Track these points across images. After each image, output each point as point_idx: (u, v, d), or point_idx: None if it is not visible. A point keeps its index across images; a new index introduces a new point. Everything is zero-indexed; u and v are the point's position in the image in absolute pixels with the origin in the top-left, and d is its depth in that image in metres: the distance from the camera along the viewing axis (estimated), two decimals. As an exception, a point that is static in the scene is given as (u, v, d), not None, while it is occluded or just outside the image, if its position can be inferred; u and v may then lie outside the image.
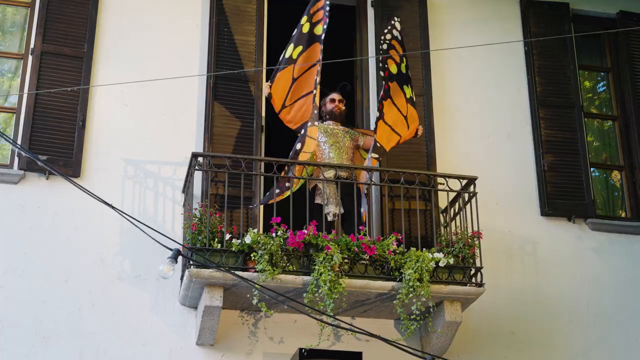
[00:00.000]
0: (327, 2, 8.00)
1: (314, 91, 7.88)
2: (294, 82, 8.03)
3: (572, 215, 8.85)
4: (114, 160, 8.15)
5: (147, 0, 8.85)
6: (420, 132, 8.34)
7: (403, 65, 8.17)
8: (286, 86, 8.04)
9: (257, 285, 7.02)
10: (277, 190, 7.63)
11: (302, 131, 7.83)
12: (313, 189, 8.04)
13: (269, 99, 8.21)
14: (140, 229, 6.84)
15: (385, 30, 8.25)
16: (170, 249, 6.81)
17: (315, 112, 7.88)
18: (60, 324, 7.50)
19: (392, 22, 8.29)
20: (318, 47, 7.94)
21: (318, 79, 7.89)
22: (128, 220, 6.87)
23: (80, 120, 8.12)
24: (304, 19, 8.05)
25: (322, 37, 7.96)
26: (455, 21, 9.51)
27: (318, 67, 7.91)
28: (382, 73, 8.12)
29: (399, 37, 8.22)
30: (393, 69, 8.09)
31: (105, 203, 6.80)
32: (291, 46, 8.05)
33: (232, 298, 7.48)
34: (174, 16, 8.85)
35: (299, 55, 8.00)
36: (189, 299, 7.59)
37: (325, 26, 7.96)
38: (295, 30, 8.10)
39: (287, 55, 8.05)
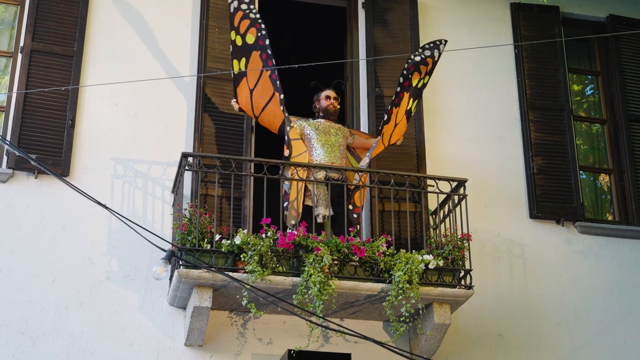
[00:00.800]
0: (253, 9, 7.88)
1: (278, 95, 7.81)
2: (252, 93, 7.97)
3: (560, 218, 8.87)
4: (103, 160, 8.12)
5: (137, -1, 8.84)
6: (399, 142, 8.35)
7: (422, 82, 8.18)
8: (248, 98, 8.01)
9: (247, 286, 7.00)
10: (286, 204, 7.65)
11: (285, 138, 7.81)
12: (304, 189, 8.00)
13: (242, 114, 8.20)
14: (134, 229, 6.84)
15: (427, 45, 8.25)
16: (163, 249, 6.79)
17: (286, 114, 7.85)
18: (47, 324, 7.47)
19: (439, 42, 8.28)
20: (257, 55, 7.84)
21: (278, 83, 7.82)
22: (121, 220, 6.85)
23: (69, 119, 8.08)
24: (232, 33, 7.94)
25: (262, 42, 7.80)
26: (446, 23, 9.52)
27: (270, 73, 7.81)
28: (401, 79, 8.08)
29: (436, 59, 8.24)
30: (414, 82, 8.10)
31: (99, 203, 6.77)
32: (235, 62, 7.97)
33: (221, 299, 7.46)
34: (165, 15, 8.82)
35: (245, 67, 7.92)
36: (177, 300, 7.57)
37: (260, 33, 7.81)
38: (230, 46, 8.02)
39: (236, 71, 7.99)
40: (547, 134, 9.21)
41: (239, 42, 7.85)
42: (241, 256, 7.16)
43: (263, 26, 7.79)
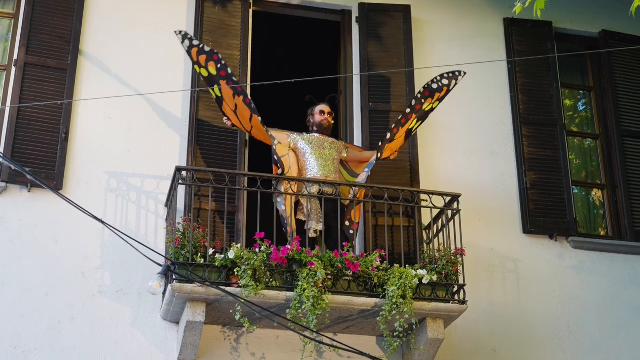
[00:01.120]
0: (201, 45, 7.86)
1: (256, 117, 7.82)
2: (236, 113, 7.98)
3: (554, 233, 8.88)
4: (97, 173, 8.11)
5: (131, 13, 8.82)
6: (392, 157, 8.35)
7: (431, 106, 8.21)
8: (235, 117, 8.01)
9: (241, 300, 6.98)
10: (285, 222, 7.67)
11: (274, 157, 7.80)
12: (296, 204, 8.00)
13: (236, 129, 8.20)
14: (129, 244, 6.83)
15: (446, 74, 8.27)
16: (159, 264, 6.78)
17: (270, 133, 7.85)
18: (39, 338, 7.43)
19: (458, 74, 8.32)
20: (224, 84, 7.82)
21: (253, 106, 7.81)
22: (116, 234, 6.82)
23: (63, 132, 8.07)
24: (196, 67, 7.91)
25: (224, 73, 7.77)
26: (440, 38, 9.55)
27: (243, 98, 7.81)
28: (413, 102, 8.08)
29: (451, 88, 8.27)
30: (425, 105, 8.13)
31: (95, 218, 6.76)
32: (210, 90, 7.97)
33: (215, 313, 7.44)
34: (159, 29, 8.82)
35: (220, 92, 7.92)
36: (170, 314, 7.54)
37: (219, 64, 7.76)
38: (201, 78, 8.01)
39: (214, 97, 8.00)
40: (540, 149, 9.22)
41: (204, 73, 7.85)
42: (235, 270, 7.14)
43: (220, 56, 7.78)
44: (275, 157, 7.82)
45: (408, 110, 8.05)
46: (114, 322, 7.62)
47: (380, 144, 7.99)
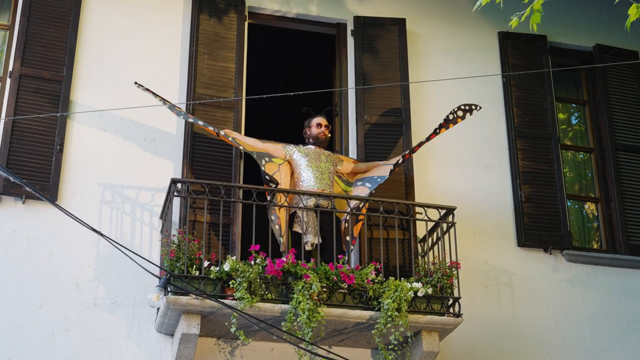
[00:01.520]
0: (167, 106, 7.93)
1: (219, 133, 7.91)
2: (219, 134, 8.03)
3: (548, 247, 8.90)
4: (92, 185, 8.09)
5: (126, 24, 8.83)
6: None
7: (441, 131, 8.27)
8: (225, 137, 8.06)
9: (235, 314, 6.97)
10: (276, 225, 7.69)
11: (266, 177, 7.80)
12: (292, 216, 7.99)
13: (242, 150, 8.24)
14: (128, 256, 6.81)
15: (462, 106, 8.36)
16: (157, 276, 6.77)
17: (254, 155, 7.85)
18: (33, 350, 7.40)
19: (474, 107, 8.41)
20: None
21: (231, 141, 7.89)
22: (118, 248, 6.80)
23: (58, 144, 8.06)
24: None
25: (187, 116, 7.91)
26: (435, 51, 9.58)
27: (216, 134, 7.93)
28: (430, 134, 8.18)
29: (463, 119, 8.36)
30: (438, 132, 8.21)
31: (95, 231, 6.73)
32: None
33: (209, 326, 7.42)
34: (154, 41, 8.83)
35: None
36: (165, 326, 7.52)
37: (181, 115, 7.92)
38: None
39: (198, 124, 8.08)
40: (535, 162, 9.24)
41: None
42: (230, 283, 7.13)
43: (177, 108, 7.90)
44: (267, 176, 7.81)
45: (424, 140, 8.15)
46: (109, 334, 7.60)
47: (392, 167, 8.00)
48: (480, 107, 8.48)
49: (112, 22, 8.78)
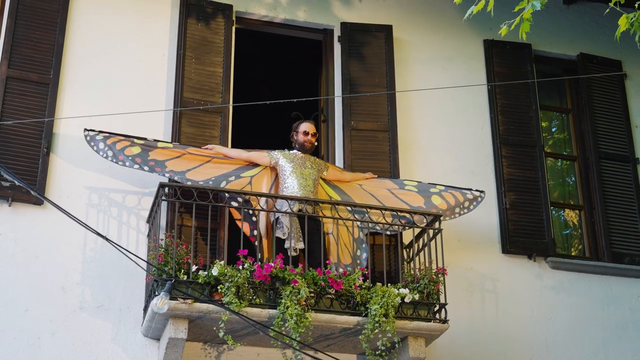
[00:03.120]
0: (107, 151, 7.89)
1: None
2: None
3: (532, 254, 8.96)
4: (78, 188, 8.05)
5: (114, 27, 8.80)
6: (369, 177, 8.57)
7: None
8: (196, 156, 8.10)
9: (225, 317, 6.97)
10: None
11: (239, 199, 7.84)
12: (275, 221, 7.97)
13: None
14: (134, 261, 6.91)
15: (476, 192, 8.54)
16: (158, 280, 6.78)
17: (226, 197, 7.87)
18: (19, 354, 7.36)
19: (481, 194, 8.61)
20: (159, 152, 7.96)
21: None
22: (119, 250, 6.82)
23: (44, 146, 8.02)
24: (131, 149, 7.94)
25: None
26: (421, 58, 9.63)
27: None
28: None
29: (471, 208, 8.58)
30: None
31: (97, 233, 6.75)
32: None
33: (196, 330, 7.41)
34: (142, 45, 8.81)
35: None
36: (152, 331, 7.50)
37: (130, 141, 7.92)
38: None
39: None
40: (520, 170, 9.31)
41: (136, 150, 7.90)
42: (218, 287, 7.12)
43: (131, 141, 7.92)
44: (240, 198, 7.83)
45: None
46: (95, 338, 7.57)
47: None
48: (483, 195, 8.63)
49: (99, 25, 8.75)
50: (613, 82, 10.05)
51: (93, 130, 7.80)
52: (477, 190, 8.52)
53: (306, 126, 8.37)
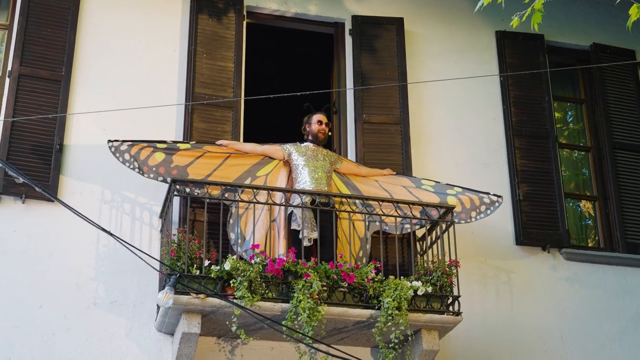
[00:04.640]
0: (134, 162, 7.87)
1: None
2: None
3: (546, 245, 8.93)
4: (91, 184, 8.08)
5: (125, 24, 8.82)
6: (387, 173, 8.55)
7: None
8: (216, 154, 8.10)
9: (237, 312, 6.98)
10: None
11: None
12: (290, 215, 7.98)
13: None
14: (141, 258, 6.91)
15: (493, 196, 8.46)
16: (166, 274, 6.79)
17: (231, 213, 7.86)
18: (34, 350, 7.40)
19: (498, 199, 8.49)
20: (182, 155, 7.96)
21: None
22: (127, 247, 6.84)
23: (57, 143, 8.05)
24: (156, 156, 7.91)
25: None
26: (432, 51, 9.60)
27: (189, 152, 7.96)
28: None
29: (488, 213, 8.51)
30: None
31: (106, 231, 6.76)
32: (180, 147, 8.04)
33: (209, 325, 7.43)
34: (153, 40, 8.82)
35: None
36: (165, 326, 7.52)
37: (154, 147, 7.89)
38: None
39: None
40: (533, 161, 9.27)
41: (159, 157, 7.88)
42: (231, 282, 7.14)
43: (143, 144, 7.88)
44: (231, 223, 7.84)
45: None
46: (109, 333, 7.60)
47: None
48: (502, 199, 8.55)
49: (110, 22, 8.77)
50: (626, 72, 9.99)
51: (117, 141, 7.77)
52: (494, 195, 8.44)
53: (319, 116, 8.37)
